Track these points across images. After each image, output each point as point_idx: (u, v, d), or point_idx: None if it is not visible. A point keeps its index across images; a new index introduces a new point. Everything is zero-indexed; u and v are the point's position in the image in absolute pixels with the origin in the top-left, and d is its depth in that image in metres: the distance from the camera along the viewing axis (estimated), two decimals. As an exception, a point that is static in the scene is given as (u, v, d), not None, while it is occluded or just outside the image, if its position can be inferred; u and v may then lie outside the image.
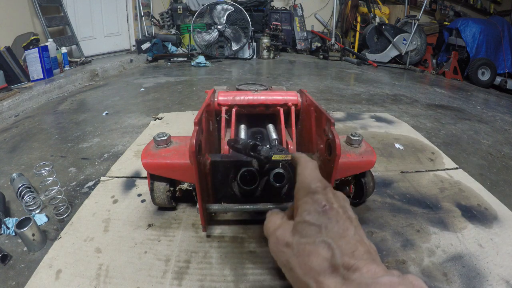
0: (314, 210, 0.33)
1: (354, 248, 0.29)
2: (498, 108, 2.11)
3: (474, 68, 3.29)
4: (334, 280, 0.27)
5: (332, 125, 0.50)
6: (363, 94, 2.02)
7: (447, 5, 4.81)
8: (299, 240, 0.32)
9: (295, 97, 0.79)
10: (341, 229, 0.31)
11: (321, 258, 0.29)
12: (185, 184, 0.62)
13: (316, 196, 0.34)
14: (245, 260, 0.53)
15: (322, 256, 0.29)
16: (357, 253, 0.29)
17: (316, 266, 0.29)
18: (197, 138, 0.46)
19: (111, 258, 0.53)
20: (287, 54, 4.21)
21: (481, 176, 0.95)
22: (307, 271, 0.29)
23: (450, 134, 1.34)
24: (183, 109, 1.54)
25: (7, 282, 0.52)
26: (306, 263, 0.30)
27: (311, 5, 4.49)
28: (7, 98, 1.73)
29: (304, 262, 0.30)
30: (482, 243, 0.59)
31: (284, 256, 0.33)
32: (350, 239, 0.30)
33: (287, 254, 0.33)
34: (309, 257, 0.30)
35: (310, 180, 0.36)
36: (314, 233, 0.31)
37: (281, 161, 0.53)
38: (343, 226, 0.31)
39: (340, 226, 0.31)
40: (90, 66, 2.73)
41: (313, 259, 0.29)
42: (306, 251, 0.30)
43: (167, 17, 3.98)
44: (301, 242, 0.32)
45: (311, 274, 0.29)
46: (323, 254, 0.29)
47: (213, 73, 2.70)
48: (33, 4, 2.55)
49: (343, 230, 0.31)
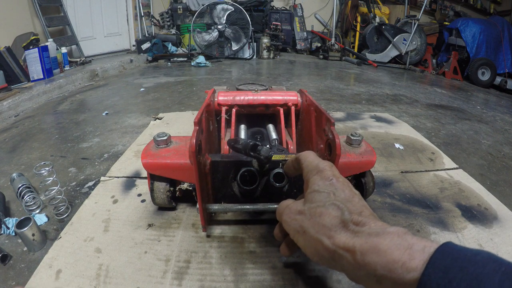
0: (323, 182, 0.36)
1: (361, 209, 0.33)
2: (498, 108, 2.11)
3: (474, 68, 3.29)
4: (345, 234, 0.30)
5: (332, 125, 0.50)
6: (363, 94, 2.02)
7: (447, 5, 4.81)
8: (310, 205, 0.35)
9: (295, 97, 0.79)
10: (348, 196, 0.34)
11: (332, 216, 0.32)
12: (185, 184, 0.62)
13: (324, 173, 0.37)
14: (245, 260, 0.53)
15: (332, 215, 0.32)
16: (364, 213, 0.32)
17: (328, 223, 0.32)
18: (197, 138, 0.46)
19: (111, 258, 0.53)
20: (287, 54, 4.21)
21: (481, 176, 0.95)
22: (319, 229, 0.32)
23: (450, 134, 1.34)
24: (183, 109, 1.54)
25: (7, 282, 0.52)
26: (318, 222, 0.33)
27: (311, 5, 4.49)
28: (7, 98, 1.73)
29: (317, 222, 0.33)
30: (482, 243, 0.59)
31: (297, 222, 0.36)
32: (356, 204, 0.33)
33: (300, 219, 0.36)
34: (321, 217, 0.33)
35: (317, 162, 0.39)
36: (324, 198, 0.34)
37: (281, 161, 0.53)
38: (349, 193, 0.35)
39: (346, 194, 0.34)
40: (90, 66, 2.73)
41: (324, 218, 0.33)
42: (318, 212, 0.34)
43: (167, 17, 3.98)
44: (312, 207, 0.35)
45: (323, 231, 0.32)
46: (333, 213, 0.32)
47: (213, 73, 2.70)
48: (33, 4, 2.55)
49: (350, 196, 0.34)
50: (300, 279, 0.49)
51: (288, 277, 0.49)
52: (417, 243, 0.26)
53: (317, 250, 0.32)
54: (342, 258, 0.29)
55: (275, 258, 0.53)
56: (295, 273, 0.50)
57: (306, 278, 0.49)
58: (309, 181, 0.38)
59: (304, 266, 0.51)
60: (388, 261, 0.25)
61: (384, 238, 0.27)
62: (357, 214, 0.32)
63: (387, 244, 0.26)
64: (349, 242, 0.29)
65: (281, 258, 0.53)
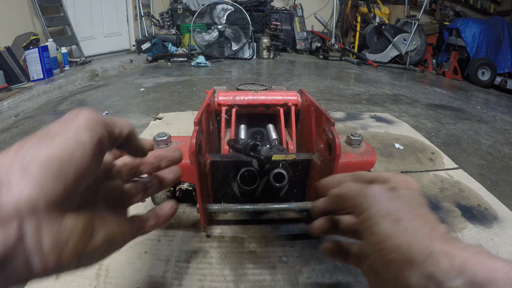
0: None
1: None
2: (498, 108, 2.11)
3: (474, 68, 3.29)
4: (444, 239, 0.25)
5: (332, 125, 0.50)
6: (363, 94, 2.02)
7: (447, 5, 4.81)
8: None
9: (295, 97, 0.79)
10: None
11: (434, 218, 0.27)
12: (185, 184, 0.62)
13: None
14: (245, 260, 0.53)
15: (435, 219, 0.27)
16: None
17: (431, 222, 0.26)
18: (197, 138, 0.46)
19: (111, 258, 0.53)
20: (287, 54, 4.21)
21: (481, 176, 0.95)
22: (420, 225, 0.26)
23: (450, 134, 1.34)
24: (183, 109, 1.54)
25: (7, 282, 0.52)
26: (421, 213, 0.27)
27: (311, 5, 4.49)
28: (7, 98, 1.73)
29: (419, 213, 0.27)
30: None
31: (390, 205, 0.28)
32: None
33: (396, 203, 0.28)
34: (424, 215, 0.28)
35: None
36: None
37: (281, 161, 0.53)
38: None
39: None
40: (90, 66, 2.73)
41: (428, 216, 0.27)
42: (420, 211, 0.28)
43: (167, 17, 3.98)
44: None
45: (425, 227, 0.26)
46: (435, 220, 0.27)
47: (213, 73, 2.70)
48: (33, 4, 2.55)
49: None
50: (300, 279, 0.49)
51: (288, 277, 0.49)
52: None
53: (402, 243, 0.24)
54: (434, 261, 0.23)
55: (275, 258, 0.53)
56: (295, 273, 0.50)
57: (306, 278, 0.49)
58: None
59: (304, 266, 0.51)
60: (490, 269, 0.21)
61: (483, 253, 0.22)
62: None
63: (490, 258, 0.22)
64: (447, 247, 0.23)
65: (281, 258, 0.53)
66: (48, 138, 0.20)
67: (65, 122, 0.21)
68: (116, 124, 0.25)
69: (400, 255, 0.23)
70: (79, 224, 0.22)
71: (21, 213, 0.18)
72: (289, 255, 0.54)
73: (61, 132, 0.20)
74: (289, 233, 0.59)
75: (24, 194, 0.18)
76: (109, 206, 0.28)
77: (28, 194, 0.18)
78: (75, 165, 0.20)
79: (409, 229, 0.24)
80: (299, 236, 0.58)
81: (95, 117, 0.22)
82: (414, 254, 0.23)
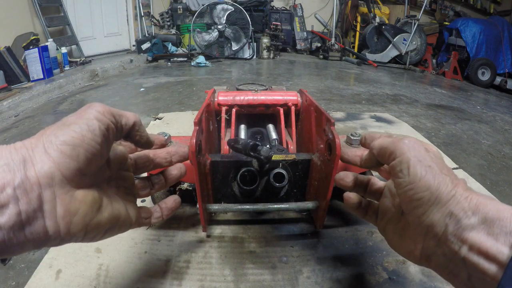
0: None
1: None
2: (498, 108, 2.11)
3: (474, 68, 3.29)
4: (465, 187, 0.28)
5: (332, 125, 0.50)
6: (363, 94, 2.02)
7: (447, 5, 4.81)
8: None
9: (295, 97, 0.79)
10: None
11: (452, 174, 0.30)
12: (185, 184, 0.62)
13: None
14: (245, 260, 0.53)
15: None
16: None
17: (451, 173, 0.30)
18: (197, 138, 0.46)
19: (111, 258, 0.53)
20: (287, 54, 4.21)
21: (481, 176, 0.95)
22: (445, 174, 0.29)
23: (450, 134, 1.34)
24: (183, 109, 1.54)
25: (7, 282, 0.52)
26: (443, 166, 0.30)
27: (311, 5, 4.49)
28: (7, 98, 1.73)
29: (442, 165, 0.30)
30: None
31: (426, 156, 0.31)
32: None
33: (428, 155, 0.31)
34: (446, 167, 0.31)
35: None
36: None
37: (281, 161, 0.53)
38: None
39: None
40: (90, 66, 2.73)
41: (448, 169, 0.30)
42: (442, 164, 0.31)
43: (167, 17, 3.98)
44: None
45: (449, 175, 0.29)
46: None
47: (213, 73, 2.70)
48: (33, 4, 2.55)
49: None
50: (300, 279, 0.49)
51: (288, 277, 0.49)
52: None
53: (432, 184, 0.27)
54: (456, 201, 0.26)
55: (275, 258, 0.53)
56: (295, 273, 0.50)
57: (306, 278, 0.49)
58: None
59: (304, 266, 0.51)
60: (499, 209, 0.24)
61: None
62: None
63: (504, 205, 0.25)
64: (466, 193, 0.27)
65: (281, 258, 0.53)
66: (65, 126, 0.25)
67: (79, 113, 0.26)
68: (122, 115, 0.29)
69: (430, 194, 0.27)
70: (88, 197, 0.26)
71: (41, 185, 0.22)
72: (289, 255, 0.54)
73: (75, 121, 0.25)
74: (289, 233, 0.59)
75: (44, 169, 0.22)
76: (119, 191, 0.33)
77: (46, 170, 0.22)
78: (86, 148, 0.24)
79: (439, 174, 0.28)
80: (299, 236, 0.58)
81: (104, 109, 0.27)
82: (441, 195, 0.27)
